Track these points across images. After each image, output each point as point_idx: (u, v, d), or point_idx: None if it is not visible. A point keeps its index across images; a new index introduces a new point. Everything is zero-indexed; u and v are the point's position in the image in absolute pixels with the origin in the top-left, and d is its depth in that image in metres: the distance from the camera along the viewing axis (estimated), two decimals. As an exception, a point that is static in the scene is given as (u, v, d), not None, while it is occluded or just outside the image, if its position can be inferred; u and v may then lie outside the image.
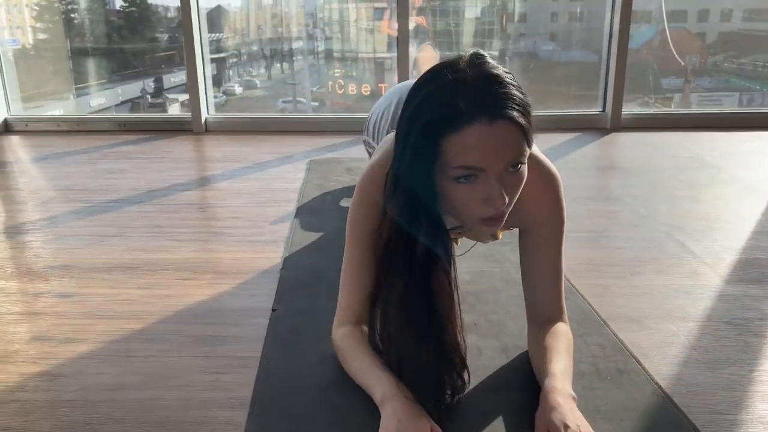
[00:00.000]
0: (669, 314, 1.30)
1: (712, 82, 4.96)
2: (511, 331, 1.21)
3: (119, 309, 1.35)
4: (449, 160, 0.84)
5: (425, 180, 0.87)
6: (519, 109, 0.83)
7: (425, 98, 0.85)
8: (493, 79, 0.83)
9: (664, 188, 2.21)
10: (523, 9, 4.82)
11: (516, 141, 0.83)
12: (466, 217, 0.90)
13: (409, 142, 0.86)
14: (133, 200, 2.10)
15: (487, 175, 0.84)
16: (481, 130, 0.81)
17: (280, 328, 1.24)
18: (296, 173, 2.42)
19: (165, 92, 4.72)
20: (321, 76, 4.85)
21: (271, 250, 1.66)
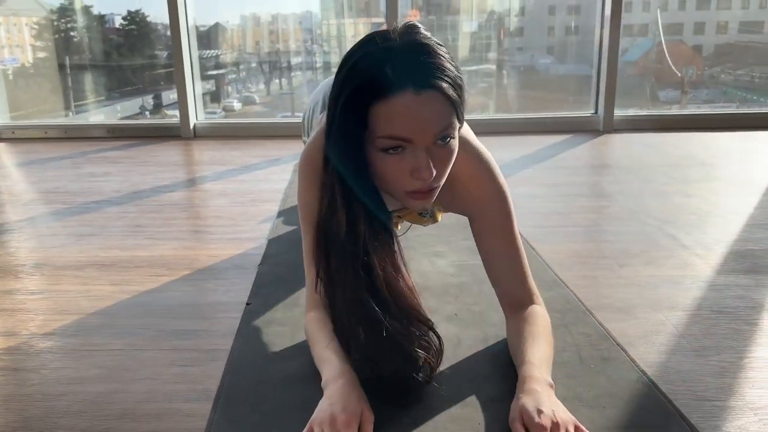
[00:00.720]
0: (657, 304, 1.25)
1: (709, 94, 4.97)
2: (493, 321, 1.17)
3: (88, 305, 1.30)
4: (377, 129, 0.82)
5: (356, 150, 0.85)
6: (448, 81, 0.81)
7: (354, 66, 0.83)
8: (423, 48, 0.82)
9: (655, 185, 2.17)
10: (520, 23, 4.84)
11: (444, 113, 0.82)
12: (395, 190, 0.88)
13: (338, 111, 0.84)
14: (115, 201, 2.06)
15: (415, 147, 0.82)
16: (409, 98, 0.79)
17: (253, 321, 1.19)
18: (282, 175, 2.39)
19: (164, 108, 4.72)
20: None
21: (251, 247, 1.62)
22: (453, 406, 0.91)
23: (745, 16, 5.00)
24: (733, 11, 5.01)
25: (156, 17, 4.52)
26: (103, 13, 4.07)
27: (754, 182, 2.18)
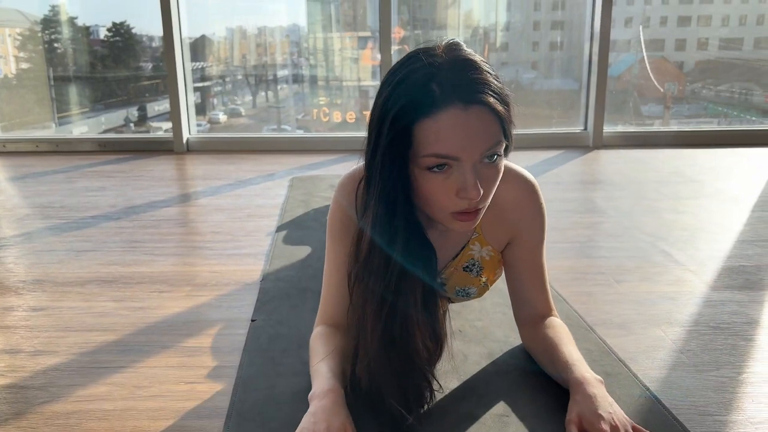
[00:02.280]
0: (655, 320, 1.28)
1: (690, 109, 5.06)
2: (497, 337, 1.19)
3: (92, 321, 1.30)
4: (421, 147, 0.80)
5: (400, 169, 0.83)
6: (495, 96, 0.80)
7: (399, 83, 0.82)
8: (469, 64, 0.81)
9: (647, 201, 2.21)
10: (505, 38, 4.90)
11: (492, 129, 0.80)
12: (439, 211, 0.86)
13: (383, 129, 0.82)
14: (111, 216, 2.06)
15: (462, 165, 0.80)
16: (456, 115, 0.78)
17: (259, 337, 1.20)
18: (278, 190, 2.40)
19: (149, 120, 4.70)
20: (306, 104, 4.87)
21: (252, 263, 1.63)
22: (460, 422, 0.92)
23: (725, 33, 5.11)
24: (713, 28, 5.11)
25: (141, 29, 4.53)
26: (87, 25, 4.07)
27: (740, 198, 2.23)
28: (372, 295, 0.89)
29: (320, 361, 0.96)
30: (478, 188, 0.81)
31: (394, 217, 0.86)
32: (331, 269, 1.05)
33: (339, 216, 1.02)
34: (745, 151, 3.09)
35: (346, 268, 0.99)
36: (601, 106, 3.19)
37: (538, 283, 1.08)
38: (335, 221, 1.03)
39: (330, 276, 1.05)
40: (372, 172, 0.86)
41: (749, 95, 5.07)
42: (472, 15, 4.93)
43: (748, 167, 2.78)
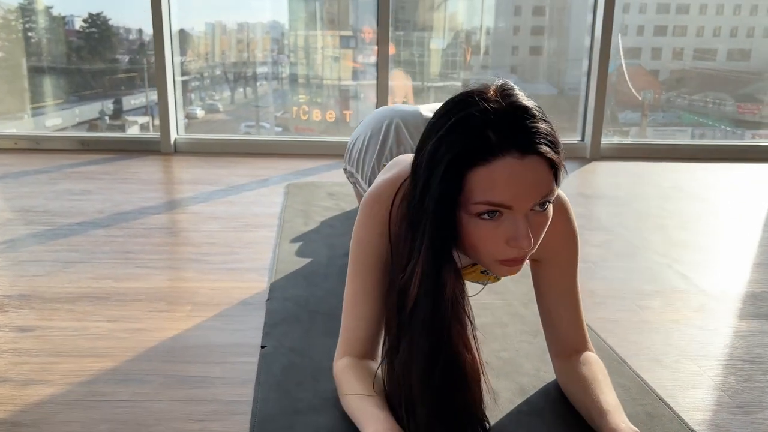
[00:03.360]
0: (687, 352, 1.22)
1: (665, 117, 5.11)
2: (526, 371, 1.11)
3: (87, 345, 1.20)
4: (473, 194, 0.77)
5: (448, 214, 0.80)
6: (551, 145, 0.78)
7: (453, 127, 0.78)
8: (524, 111, 0.78)
9: (652, 218, 2.16)
10: (486, 42, 4.89)
11: (546, 178, 0.78)
12: (485, 257, 0.83)
13: (434, 174, 0.79)
14: (99, 223, 1.95)
15: (514, 214, 0.78)
16: (512, 164, 0.76)
17: (272, 367, 1.11)
18: (274, 197, 2.30)
19: (124, 114, 4.58)
20: (285, 102, 4.79)
21: (253, 279, 1.54)
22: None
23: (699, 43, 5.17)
24: (688, 38, 5.17)
25: (118, 21, 4.40)
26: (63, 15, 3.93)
27: (746, 217, 2.19)
28: (419, 349, 0.86)
29: (365, 398, 0.88)
30: (530, 239, 0.79)
31: (442, 269, 0.83)
32: (357, 296, 0.97)
33: (368, 241, 0.95)
34: (742, 167, 3.07)
35: (374, 296, 0.95)
36: (599, 117, 3.15)
37: (572, 314, 1.02)
38: (363, 247, 0.96)
39: (356, 304, 0.97)
40: (419, 216, 0.83)
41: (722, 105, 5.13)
42: (456, 18, 4.90)
43: (748, 184, 2.76)
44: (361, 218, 0.96)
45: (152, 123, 4.77)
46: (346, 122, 4.68)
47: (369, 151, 1.51)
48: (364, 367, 0.94)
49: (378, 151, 1.48)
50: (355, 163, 1.56)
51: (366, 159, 1.51)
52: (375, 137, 1.51)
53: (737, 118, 5.15)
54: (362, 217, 0.96)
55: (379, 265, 0.95)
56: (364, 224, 0.96)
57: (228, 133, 4.86)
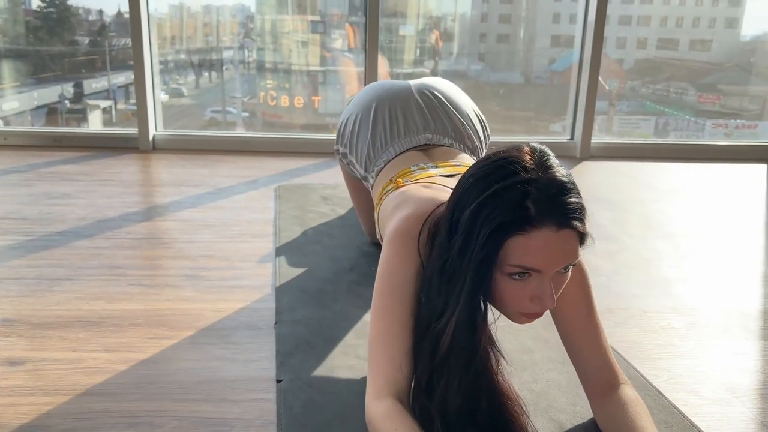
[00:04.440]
0: (723, 382, 1.18)
1: (630, 106, 5.17)
2: (562, 407, 1.06)
3: (85, 381, 1.10)
4: (509, 258, 0.82)
5: (485, 276, 0.85)
6: (582, 219, 0.83)
7: (493, 197, 0.82)
8: (565, 187, 0.83)
9: (656, 224, 2.13)
10: (455, 29, 4.88)
11: (575, 247, 0.84)
12: (508, 309, 0.89)
13: (475, 239, 0.83)
14: (83, 233, 1.83)
15: (542, 276, 0.84)
16: (548, 235, 0.81)
17: (293, 407, 1.03)
18: (265, 201, 2.21)
19: (85, 98, 4.42)
20: (252, 87, 4.68)
21: (257, 298, 1.45)
22: None
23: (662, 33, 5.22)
24: (652, 28, 5.22)
25: (77, 1, 4.24)
26: (19, -8, 3.76)
27: (749, 222, 2.18)
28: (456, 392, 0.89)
29: None
30: (553, 299, 0.84)
31: (476, 321, 0.88)
32: (391, 334, 0.92)
33: (399, 277, 0.95)
34: (737, 167, 3.08)
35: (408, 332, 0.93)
36: (590, 114, 3.11)
37: (597, 349, 1.00)
38: (396, 283, 0.95)
39: (391, 342, 0.92)
40: (457, 272, 0.87)
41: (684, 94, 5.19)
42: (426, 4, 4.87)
43: (744, 185, 2.76)
44: (393, 253, 0.97)
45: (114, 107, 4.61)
46: (314, 108, 4.59)
47: (361, 133, 1.49)
48: (410, 416, 0.87)
49: (371, 133, 1.46)
50: (348, 145, 1.54)
51: (359, 141, 1.49)
52: (366, 118, 1.49)
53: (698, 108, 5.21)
54: (394, 252, 0.97)
55: (412, 301, 0.95)
56: (397, 258, 0.96)
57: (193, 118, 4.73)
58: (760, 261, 1.83)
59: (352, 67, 4.16)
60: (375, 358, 0.92)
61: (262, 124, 4.73)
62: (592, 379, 1.00)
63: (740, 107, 5.09)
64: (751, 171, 3.03)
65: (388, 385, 0.91)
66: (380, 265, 0.98)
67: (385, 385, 0.91)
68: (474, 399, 0.89)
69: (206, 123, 4.83)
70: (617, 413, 0.94)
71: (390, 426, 0.86)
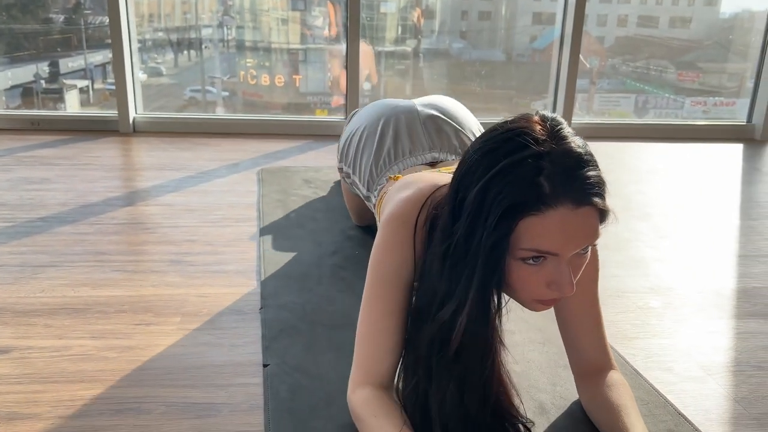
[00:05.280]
0: (695, 358, 1.22)
1: (610, 84, 5.20)
2: (543, 386, 1.09)
3: (73, 369, 1.11)
4: (522, 240, 0.76)
5: (497, 264, 0.77)
6: (603, 194, 0.77)
7: (504, 172, 0.75)
8: (578, 159, 0.75)
9: (634, 204, 2.16)
10: (436, 6, 4.84)
11: (595, 226, 0.77)
12: (522, 296, 0.83)
13: (484, 221, 0.76)
14: (65, 219, 1.82)
15: (559, 259, 0.77)
16: (565, 214, 0.74)
17: (279, 391, 1.05)
18: (248, 185, 2.20)
19: (62, 77, 4.35)
20: (232, 66, 4.63)
21: (242, 283, 1.46)
22: None
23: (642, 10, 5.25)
24: (632, 5, 5.24)
25: None
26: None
27: (726, 202, 2.22)
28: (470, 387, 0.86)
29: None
30: (572, 284, 0.78)
31: (489, 312, 0.82)
32: (378, 322, 0.92)
33: (391, 264, 0.91)
34: (717, 147, 3.12)
35: (395, 322, 0.91)
36: (571, 94, 3.13)
37: (594, 330, 1.01)
38: (386, 270, 0.91)
39: (376, 330, 0.92)
40: (464, 258, 0.80)
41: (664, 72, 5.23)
42: None
43: (722, 164, 2.80)
44: (384, 239, 0.92)
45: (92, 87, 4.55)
46: (295, 87, 4.56)
47: (365, 153, 1.44)
48: (389, 401, 0.89)
49: (375, 153, 1.42)
50: (352, 164, 1.49)
51: (363, 161, 1.45)
52: (371, 138, 1.44)
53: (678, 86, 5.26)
54: (384, 239, 0.91)
55: (402, 290, 0.92)
56: (386, 246, 0.91)
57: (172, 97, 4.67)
58: (736, 240, 1.87)
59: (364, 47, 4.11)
60: (359, 349, 0.93)
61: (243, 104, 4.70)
62: (585, 363, 1.01)
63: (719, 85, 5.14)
64: (728, 150, 3.08)
65: (368, 376, 0.92)
66: (373, 250, 0.94)
67: (364, 375, 0.92)
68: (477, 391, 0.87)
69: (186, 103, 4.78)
70: (602, 394, 0.95)
71: (368, 411, 0.88)
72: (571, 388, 1.07)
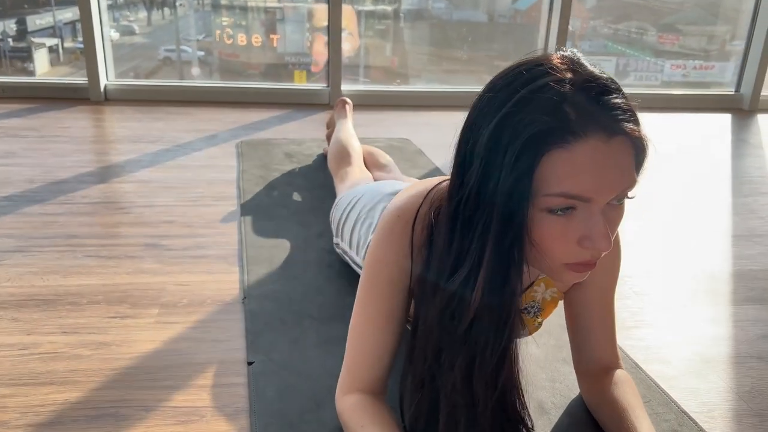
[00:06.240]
0: (694, 350, 1.18)
1: (591, 46, 5.15)
2: (542, 384, 1.05)
3: (43, 369, 1.04)
4: (547, 184, 0.64)
5: (518, 208, 0.65)
6: (637, 121, 0.67)
7: (522, 102, 0.64)
8: (605, 86, 0.66)
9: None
10: None
11: (631, 164, 0.67)
12: (550, 260, 0.71)
13: (502, 160, 0.64)
14: (33, 197, 1.72)
15: (590, 208, 0.66)
16: (597, 148, 0.63)
17: (265, 391, 1.00)
18: (226, 159, 2.11)
19: (30, 36, 4.16)
20: (207, 25, 4.48)
21: (223, 269, 1.39)
22: None
23: None
24: None
25: None
26: None
27: (717, 177, 2.19)
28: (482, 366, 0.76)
29: None
30: (609, 238, 0.66)
31: (510, 275, 0.70)
32: (369, 324, 0.86)
33: (387, 263, 0.83)
34: (697, 117, 3.08)
35: (389, 325, 0.84)
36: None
37: (607, 330, 0.96)
38: (381, 269, 0.84)
39: (368, 333, 0.86)
40: (474, 213, 0.69)
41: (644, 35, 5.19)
42: None
43: (709, 137, 2.77)
44: (380, 237, 0.84)
45: (62, 46, 4.37)
46: (273, 47, 4.43)
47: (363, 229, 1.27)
48: (380, 408, 0.84)
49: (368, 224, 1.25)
50: (350, 241, 1.30)
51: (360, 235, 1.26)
52: (371, 213, 1.26)
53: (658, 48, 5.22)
54: (381, 236, 0.84)
55: (398, 291, 0.84)
56: (383, 244, 0.84)
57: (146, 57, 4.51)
58: (729, 219, 1.84)
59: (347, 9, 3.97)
60: (350, 352, 0.87)
61: (219, 63, 4.55)
62: (592, 361, 0.96)
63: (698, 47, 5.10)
64: (715, 120, 3.04)
65: (356, 381, 0.86)
66: (368, 248, 0.87)
67: (353, 381, 0.87)
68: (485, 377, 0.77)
69: (160, 63, 4.62)
70: (608, 393, 0.91)
71: (356, 421, 0.82)
72: (571, 385, 1.03)
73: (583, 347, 0.97)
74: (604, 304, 0.94)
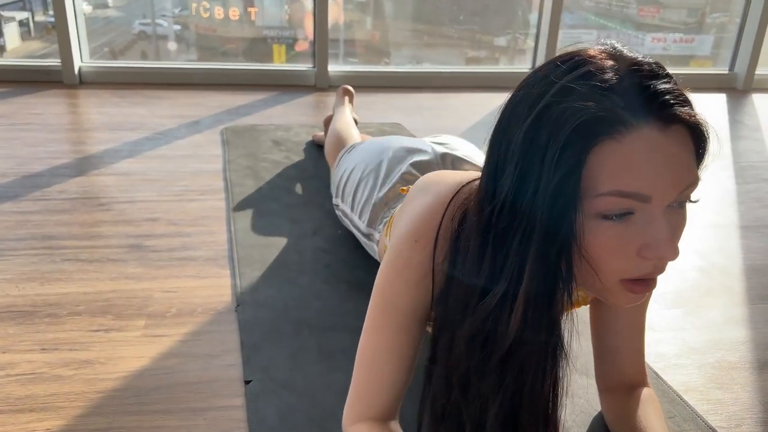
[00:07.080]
0: (711, 355, 1.13)
1: (572, 19, 5.09)
2: (560, 400, 0.98)
3: (21, 393, 0.95)
4: (597, 182, 0.56)
5: (565, 211, 0.57)
6: (692, 106, 0.59)
7: (563, 92, 0.56)
8: (652, 71, 0.58)
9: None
10: None
11: (691, 157, 0.59)
12: (604, 277, 0.61)
13: (542, 158, 0.56)
14: (5, 193, 1.61)
15: (650, 210, 0.57)
16: (652, 138, 0.56)
17: (265, 416, 0.92)
18: (211, 148, 2.01)
19: None
20: None
21: (214, 273, 1.31)
22: None
23: None
24: None
25: None
26: None
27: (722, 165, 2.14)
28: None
29: None
30: (674, 244, 0.58)
31: (555, 289, 0.60)
32: (381, 353, 0.77)
33: (399, 291, 0.74)
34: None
35: (401, 355, 0.76)
36: (554, 40, 2.97)
37: (635, 346, 0.90)
38: (393, 297, 0.75)
39: (379, 362, 0.77)
40: (515, 223, 0.59)
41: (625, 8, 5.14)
42: None
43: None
44: (396, 264, 0.74)
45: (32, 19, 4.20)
46: (251, 20, 4.30)
47: (367, 188, 1.22)
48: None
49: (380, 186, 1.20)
50: (352, 203, 1.26)
51: (364, 195, 1.22)
52: (374, 172, 1.22)
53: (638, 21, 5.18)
54: (397, 264, 0.74)
55: (412, 320, 0.75)
56: (397, 267, 0.74)
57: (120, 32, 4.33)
58: (734, 209, 1.78)
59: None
60: (358, 377, 0.79)
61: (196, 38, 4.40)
62: (618, 377, 0.90)
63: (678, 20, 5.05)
64: (709, 100, 2.99)
65: (365, 408, 0.79)
66: (380, 269, 0.77)
67: (362, 407, 0.79)
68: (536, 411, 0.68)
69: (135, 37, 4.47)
70: (629, 413, 0.86)
71: None
72: (591, 400, 0.97)
73: (609, 362, 0.91)
74: (637, 325, 0.88)
